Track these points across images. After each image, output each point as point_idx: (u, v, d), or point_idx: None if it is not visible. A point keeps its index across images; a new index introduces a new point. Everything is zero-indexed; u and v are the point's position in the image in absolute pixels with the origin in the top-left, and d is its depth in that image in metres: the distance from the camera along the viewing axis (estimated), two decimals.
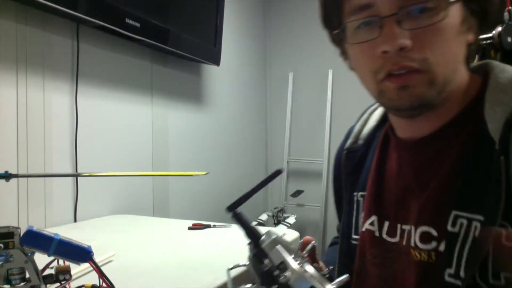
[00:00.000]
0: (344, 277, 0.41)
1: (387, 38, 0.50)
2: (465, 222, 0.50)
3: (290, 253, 0.45)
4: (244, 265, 0.48)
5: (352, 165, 0.69)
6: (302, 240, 0.57)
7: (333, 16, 0.58)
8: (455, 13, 0.51)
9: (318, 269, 0.47)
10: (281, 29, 2.79)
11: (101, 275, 0.66)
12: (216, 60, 2.02)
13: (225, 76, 2.33)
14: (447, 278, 0.50)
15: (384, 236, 0.60)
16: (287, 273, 0.41)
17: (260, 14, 2.79)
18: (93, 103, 1.48)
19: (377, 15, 0.51)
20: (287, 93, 2.76)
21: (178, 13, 1.71)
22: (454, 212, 0.51)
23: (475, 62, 0.59)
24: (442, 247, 0.52)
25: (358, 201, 0.67)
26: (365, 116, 0.73)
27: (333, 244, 0.85)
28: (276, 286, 0.42)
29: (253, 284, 0.46)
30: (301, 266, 0.42)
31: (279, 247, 0.45)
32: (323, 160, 2.63)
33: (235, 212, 0.46)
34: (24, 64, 1.24)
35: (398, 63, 0.50)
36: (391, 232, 0.60)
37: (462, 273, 0.49)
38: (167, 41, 1.65)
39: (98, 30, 1.43)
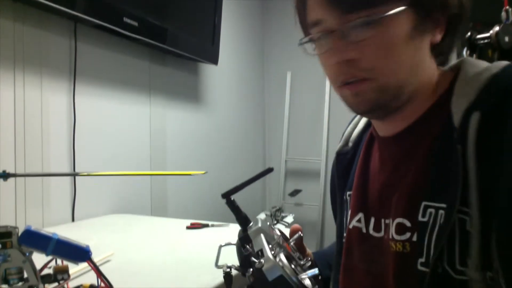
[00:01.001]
0: (313, 270, 0.47)
1: (334, 51, 0.54)
2: (433, 211, 0.53)
3: (271, 242, 0.49)
4: (235, 245, 0.54)
5: (343, 167, 0.73)
6: (290, 228, 0.62)
7: (303, 29, 0.63)
8: (401, 21, 0.52)
9: (300, 257, 0.52)
10: (279, 27, 2.79)
11: (99, 274, 0.66)
12: (214, 59, 2.02)
13: (223, 75, 2.32)
14: (419, 267, 0.53)
15: (371, 232, 0.63)
16: (262, 260, 0.46)
17: (258, 13, 2.79)
18: (91, 102, 1.48)
19: (325, 30, 0.55)
20: (285, 92, 2.76)
21: (176, 12, 1.71)
22: (424, 203, 0.54)
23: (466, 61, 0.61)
24: (415, 238, 0.55)
25: (347, 200, 0.70)
26: (355, 119, 0.76)
27: None
28: (251, 270, 0.47)
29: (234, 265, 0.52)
30: (276, 256, 0.47)
31: (261, 235, 0.49)
32: (321, 159, 2.63)
33: (229, 199, 0.52)
34: (21, 63, 1.23)
35: (348, 73, 0.55)
36: (377, 228, 0.62)
37: (431, 261, 0.51)
38: (165, 40, 1.65)
39: (96, 29, 1.42)
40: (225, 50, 2.19)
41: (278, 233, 0.58)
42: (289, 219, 2.33)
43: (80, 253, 0.65)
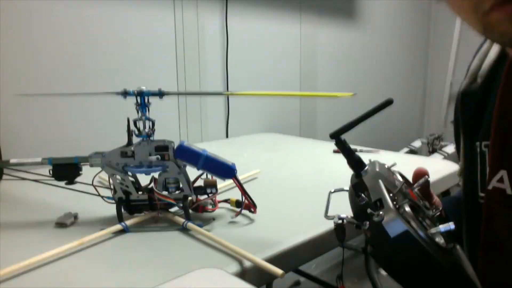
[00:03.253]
0: (447, 224, 0.37)
1: None
2: None
3: (392, 190, 0.41)
4: (347, 191, 0.47)
5: (471, 110, 0.58)
6: (414, 171, 0.51)
7: None
8: None
9: (426, 206, 0.42)
10: None
11: (243, 192, 0.68)
12: None
13: None
14: None
15: None
16: (381, 212, 0.38)
17: None
18: (242, 24, 1.49)
19: None
20: None
21: None
22: None
23: None
24: None
25: (482, 152, 0.56)
26: (483, 48, 0.58)
27: None
28: (368, 223, 0.39)
29: (346, 216, 0.44)
30: (399, 207, 0.38)
31: (380, 182, 0.41)
32: None
33: (338, 139, 0.45)
34: None
35: None
36: None
37: None
38: None
39: None
40: None
41: (400, 178, 0.48)
42: (450, 149, 2.10)
43: (227, 170, 0.68)
